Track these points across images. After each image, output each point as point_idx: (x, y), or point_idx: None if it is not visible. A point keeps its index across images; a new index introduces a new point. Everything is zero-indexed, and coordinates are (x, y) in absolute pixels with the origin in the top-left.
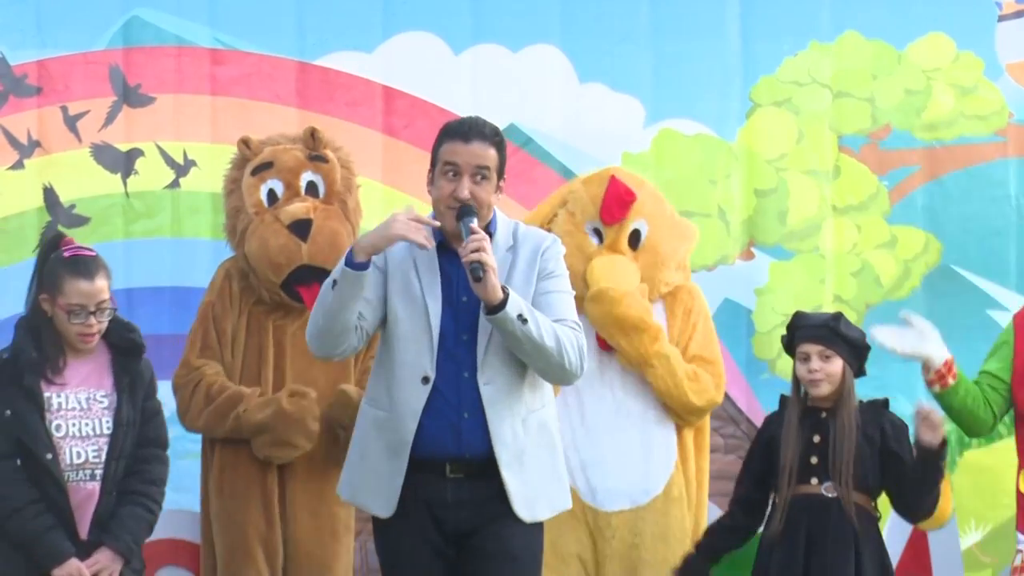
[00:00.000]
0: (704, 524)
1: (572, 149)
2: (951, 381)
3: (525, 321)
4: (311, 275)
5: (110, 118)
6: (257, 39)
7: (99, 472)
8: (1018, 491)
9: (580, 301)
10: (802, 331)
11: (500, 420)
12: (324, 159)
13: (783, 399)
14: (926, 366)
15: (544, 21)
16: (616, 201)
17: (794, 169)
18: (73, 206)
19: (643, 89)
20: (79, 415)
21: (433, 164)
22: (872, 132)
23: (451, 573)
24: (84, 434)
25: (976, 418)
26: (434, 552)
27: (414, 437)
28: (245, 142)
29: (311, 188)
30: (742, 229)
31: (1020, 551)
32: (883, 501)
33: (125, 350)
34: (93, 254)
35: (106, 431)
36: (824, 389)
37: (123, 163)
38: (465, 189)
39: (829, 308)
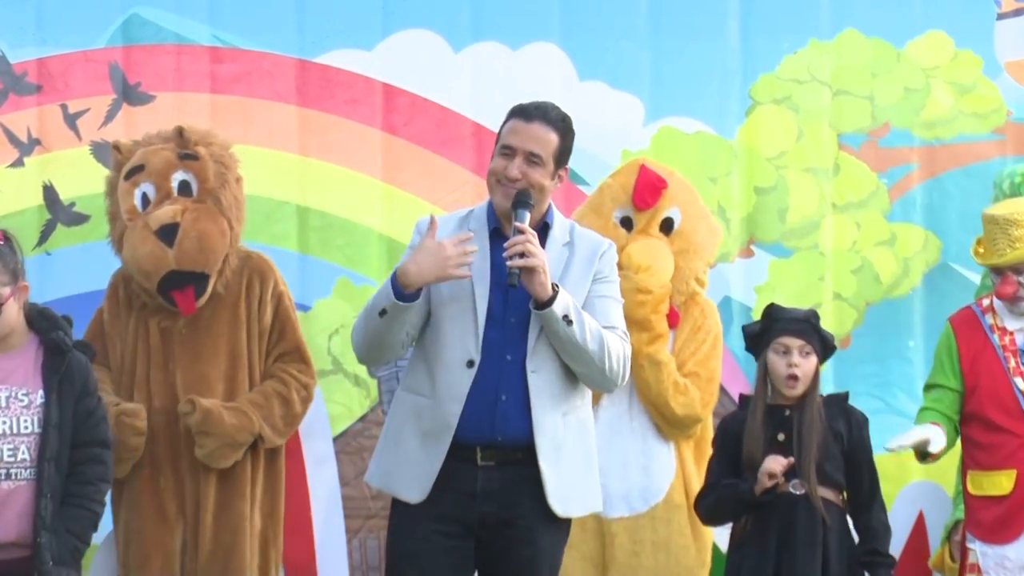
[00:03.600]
0: (705, 535)
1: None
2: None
3: (570, 323)
4: (182, 279)
5: (110, 116)
6: (257, 37)
7: (17, 471)
8: (966, 492)
9: None
10: (783, 323)
11: (543, 409)
12: (195, 156)
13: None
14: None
15: (544, 19)
16: (648, 187)
17: (794, 167)
18: (73, 204)
19: (643, 87)
20: None
21: (497, 140)
22: (871, 130)
23: (462, 564)
24: (1, 432)
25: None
26: (449, 544)
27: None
28: (116, 147)
29: (184, 187)
30: (742, 227)
31: (971, 549)
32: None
33: (54, 349)
34: None
35: (24, 430)
36: (799, 389)
37: None
38: (515, 168)
39: (829, 306)
